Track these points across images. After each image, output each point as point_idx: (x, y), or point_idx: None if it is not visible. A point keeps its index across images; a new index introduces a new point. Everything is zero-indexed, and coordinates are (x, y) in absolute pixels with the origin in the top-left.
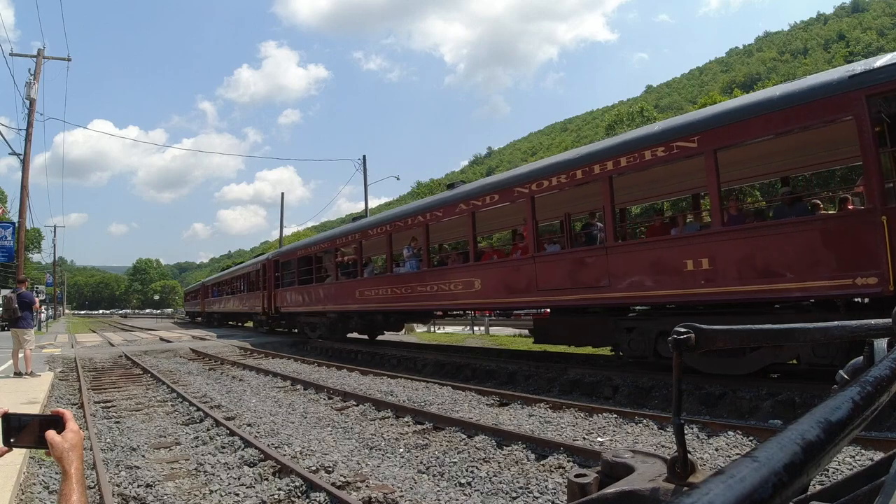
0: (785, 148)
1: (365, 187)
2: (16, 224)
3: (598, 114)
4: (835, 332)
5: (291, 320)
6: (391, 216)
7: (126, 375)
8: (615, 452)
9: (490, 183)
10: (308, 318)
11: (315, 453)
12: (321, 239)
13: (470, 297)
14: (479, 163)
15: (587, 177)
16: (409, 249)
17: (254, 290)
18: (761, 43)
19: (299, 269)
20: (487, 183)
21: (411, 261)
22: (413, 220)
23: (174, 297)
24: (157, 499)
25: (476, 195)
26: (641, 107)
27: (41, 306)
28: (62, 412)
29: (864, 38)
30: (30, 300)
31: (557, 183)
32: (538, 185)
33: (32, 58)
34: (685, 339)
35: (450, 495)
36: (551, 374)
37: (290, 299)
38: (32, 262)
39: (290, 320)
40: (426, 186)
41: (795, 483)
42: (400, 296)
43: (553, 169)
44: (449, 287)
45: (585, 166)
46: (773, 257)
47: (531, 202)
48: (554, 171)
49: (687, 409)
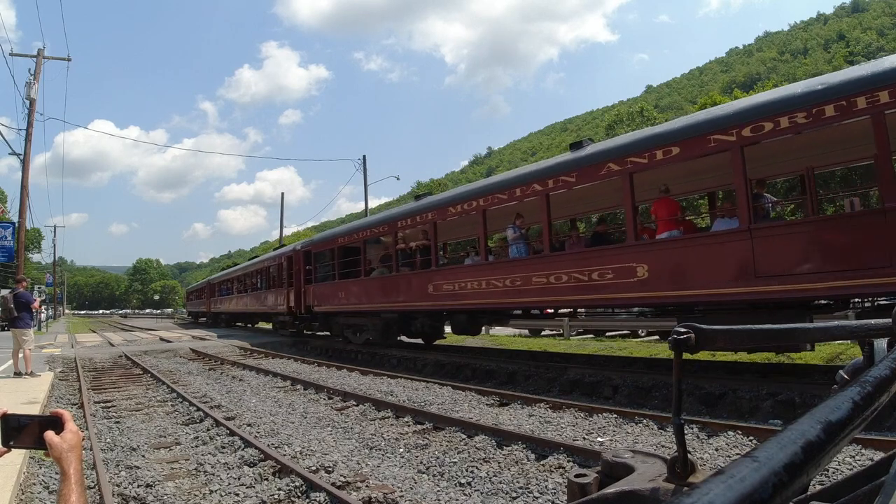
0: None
1: (365, 187)
2: (16, 224)
3: (598, 114)
4: (835, 331)
5: (327, 322)
6: (485, 187)
7: (126, 375)
8: (615, 452)
9: (668, 131)
10: (351, 318)
11: (315, 453)
12: (371, 223)
13: (627, 288)
14: (479, 163)
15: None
16: (513, 229)
17: (275, 286)
18: (761, 43)
19: (339, 261)
20: (662, 132)
21: (517, 244)
22: (526, 190)
23: (174, 297)
24: (157, 499)
25: (640, 149)
26: (641, 107)
27: (41, 306)
28: (61, 413)
29: (864, 38)
30: (27, 300)
31: (791, 125)
32: (755, 130)
33: (32, 58)
34: (685, 338)
35: (450, 495)
36: (551, 374)
37: (327, 297)
38: (32, 262)
39: (325, 322)
40: (426, 186)
41: (795, 483)
42: (502, 290)
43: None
44: (590, 276)
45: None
46: None
47: (740, 154)
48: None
49: (687, 409)
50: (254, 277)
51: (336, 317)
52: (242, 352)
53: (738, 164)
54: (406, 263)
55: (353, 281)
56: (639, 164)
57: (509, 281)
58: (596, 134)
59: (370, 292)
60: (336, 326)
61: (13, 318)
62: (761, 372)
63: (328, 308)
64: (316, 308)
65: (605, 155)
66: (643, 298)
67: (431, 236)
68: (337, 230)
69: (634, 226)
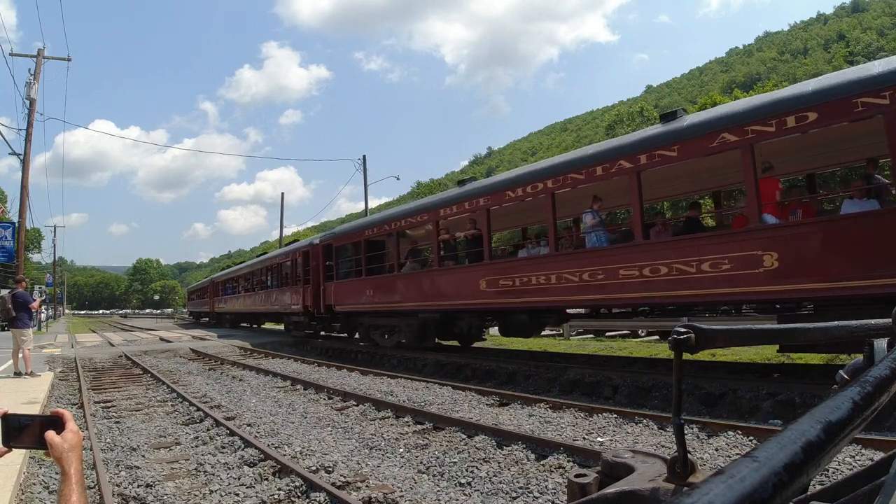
0: None
1: (365, 187)
2: (16, 224)
3: (598, 114)
4: (835, 332)
5: (349, 322)
6: (556, 167)
7: (126, 375)
8: (615, 452)
9: (801, 94)
10: (379, 319)
11: (315, 453)
12: (406, 212)
13: (749, 282)
14: (479, 163)
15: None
16: (592, 214)
17: (288, 284)
18: (761, 43)
19: (365, 256)
20: (793, 94)
21: (597, 232)
22: (610, 168)
23: (174, 297)
24: (157, 499)
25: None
26: (641, 107)
27: (41, 306)
28: (62, 413)
29: (864, 38)
30: (25, 300)
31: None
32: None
33: (32, 58)
34: (685, 338)
35: (450, 495)
36: (551, 374)
37: (351, 295)
38: (32, 262)
39: (346, 322)
40: (426, 186)
41: (795, 483)
42: (577, 285)
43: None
44: (699, 267)
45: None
46: None
47: None
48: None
49: (687, 409)
50: (263, 275)
51: (360, 317)
52: (242, 352)
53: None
54: (449, 256)
55: (383, 277)
56: (763, 133)
57: (588, 274)
58: (596, 135)
59: (405, 289)
60: (361, 328)
61: (12, 319)
62: (761, 372)
63: (352, 307)
64: (338, 307)
65: (717, 123)
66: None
67: (483, 225)
68: (361, 222)
69: (758, 206)
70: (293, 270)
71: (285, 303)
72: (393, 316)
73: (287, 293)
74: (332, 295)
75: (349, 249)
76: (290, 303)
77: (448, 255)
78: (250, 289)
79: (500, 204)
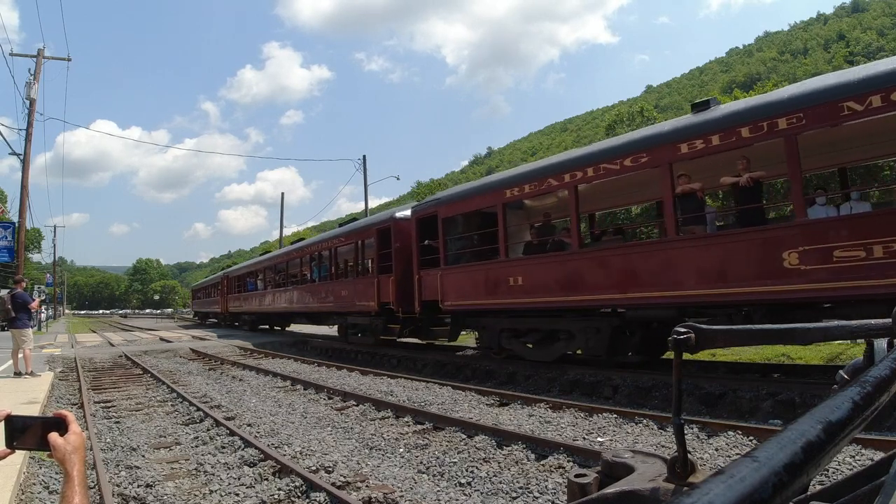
0: None
1: (365, 187)
2: (16, 224)
3: (598, 114)
4: (835, 332)
5: (460, 324)
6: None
7: (126, 375)
8: (615, 452)
9: None
10: (528, 320)
11: (315, 453)
12: (590, 157)
13: None
14: (479, 163)
15: None
16: None
17: (351, 274)
18: (761, 43)
19: (504, 228)
20: None
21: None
22: None
23: (174, 297)
24: (157, 499)
25: None
26: (642, 107)
27: (41, 306)
28: (64, 414)
29: (864, 38)
30: (24, 301)
31: None
32: None
33: (32, 58)
34: (685, 338)
35: (450, 495)
36: (551, 374)
37: (476, 286)
38: (32, 262)
39: (458, 324)
40: (426, 186)
41: (795, 483)
42: None
43: None
44: None
45: None
46: None
47: None
48: None
49: (687, 409)
50: (304, 266)
51: (484, 317)
52: (242, 352)
53: None
54: (693, 219)
55: (545, 258)
56: None
57: None
58: (596, 134)
59: (594, 273)
60: (486, 332)
61: (11, 319)
62: (761, 372)
63: (476, 303)
64: (448, 304)
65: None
66: None
67: (791, 162)
68: (493, 180)
69: None
70: (358, 257)
71: (345, 299)
72: (557, 315)
73: (348, 287)
74: (439, 286)
75: (467, 221)
76: (353, 299)
77: (692, 215)
78: (281, 283)
79: (834, 122)
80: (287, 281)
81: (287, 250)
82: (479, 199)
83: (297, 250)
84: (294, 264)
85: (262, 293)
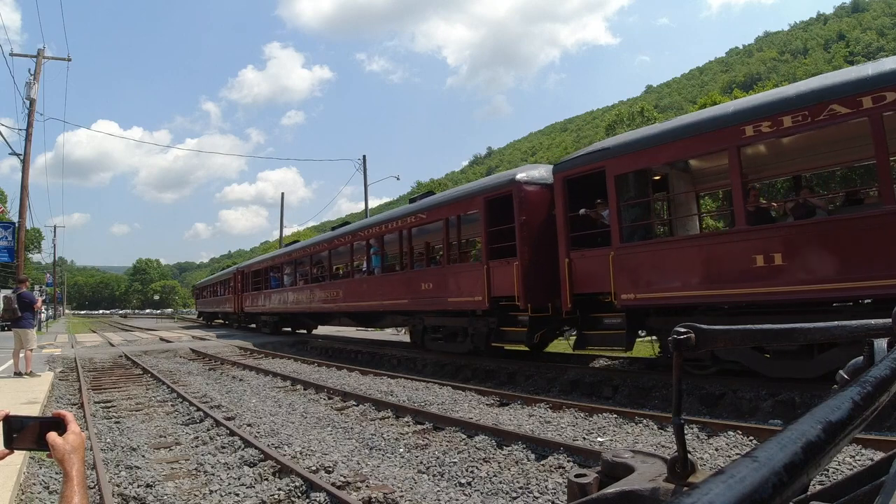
0: None
1: (365, 187)
2: (16, 224)
3: (598, 114)
4: (835, 332)
5: (641, 325)
6: None
7: (126, 375)
8: (615, 452)
9: None
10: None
11: (315, 453)
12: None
13: None
14: (479, 163)
15: None
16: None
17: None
18: (761, 43)
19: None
20: None
21: None
22: None
23: (174, 297)
24: (157, 499)
25: None
26: (642, 107)
27: (42, 305)
28: (64, 414)
29: (864, 38)
30: (30, 300)
31: None
32: None
33: (32, 58)
34: (685, 338)
35: (450, 495)
36: (551, 374)
37: (668, 271)
38: (32, 262)
39: (637, 325)
40: (426, 186)
41: (795, 483)
42: None
43: None
44: None
45: None
46: None
47: None
48: None
49: (687, 409)
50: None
51: (692, 315)
52: (242, 352)
53: None
54: None
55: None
56: None
57: None
58: (596, 134)
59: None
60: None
61: (16, 318)
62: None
63: (682, 296)
64: (628, 298)
65: None
66: None
67: None
68: (722, 110)
69: None
70: (445, 238)
71: (426, 295)
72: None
73: (434, 278)
74: (611, 272)
75: (661, 178)
76: (445, 294)
77: None
78: (320, 277)
79: None
80: (325, 274)
81: (329, 236)
82: (688, 144)
83: (344, 235)
84: (340, 253)
85: (291, 289)
